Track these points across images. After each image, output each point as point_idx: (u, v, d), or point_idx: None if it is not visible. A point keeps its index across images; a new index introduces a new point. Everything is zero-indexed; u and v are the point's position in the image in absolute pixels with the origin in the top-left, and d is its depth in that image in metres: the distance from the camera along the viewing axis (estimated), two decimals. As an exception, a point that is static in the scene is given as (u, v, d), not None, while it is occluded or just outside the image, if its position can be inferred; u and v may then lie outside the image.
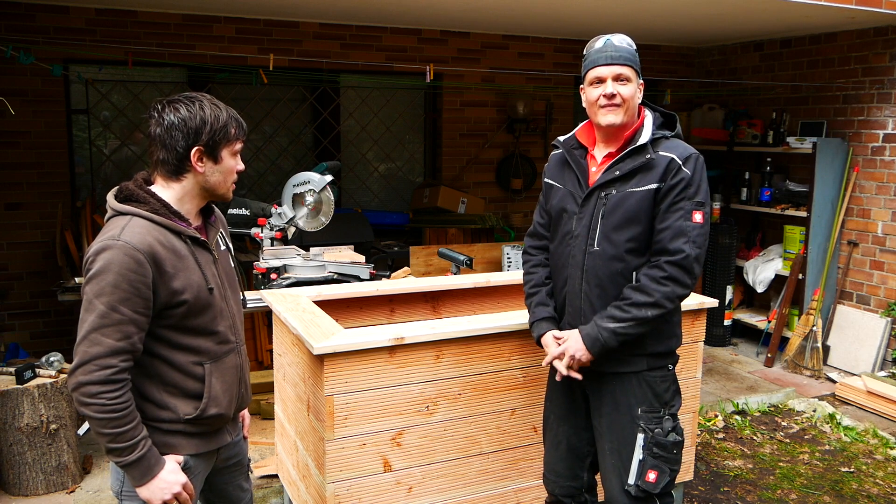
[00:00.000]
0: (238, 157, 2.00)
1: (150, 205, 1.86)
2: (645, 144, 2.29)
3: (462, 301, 3.54)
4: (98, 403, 1.75)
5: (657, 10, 4.78)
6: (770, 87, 6.07)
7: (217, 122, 1.90)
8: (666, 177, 2.25)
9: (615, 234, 2.30)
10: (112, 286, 1.75)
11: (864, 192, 5.40)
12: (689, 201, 2.25)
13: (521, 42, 6.21)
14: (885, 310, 5.23)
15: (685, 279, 2.25)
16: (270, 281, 3.75)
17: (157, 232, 1.83)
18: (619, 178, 2.31)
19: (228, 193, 2.01)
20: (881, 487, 3.74)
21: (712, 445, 4.18)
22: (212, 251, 1.99)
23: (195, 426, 1.94)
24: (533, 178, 6.55)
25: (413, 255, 5.47)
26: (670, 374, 2.39)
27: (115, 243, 1.77)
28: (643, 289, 2.25)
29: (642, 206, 2.27)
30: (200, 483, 2.05)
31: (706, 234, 2.28)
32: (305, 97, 5.96)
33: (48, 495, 3.47)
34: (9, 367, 3.51)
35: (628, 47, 2.32)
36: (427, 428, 2.67)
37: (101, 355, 1.74)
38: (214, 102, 1.93)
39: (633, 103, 2.32)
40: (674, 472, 2.34)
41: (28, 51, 4.33)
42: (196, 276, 1.89)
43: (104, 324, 1.75)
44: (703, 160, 2.32)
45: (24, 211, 4.95)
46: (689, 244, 2.23)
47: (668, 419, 2.34)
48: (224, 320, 1.99)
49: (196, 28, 5.16)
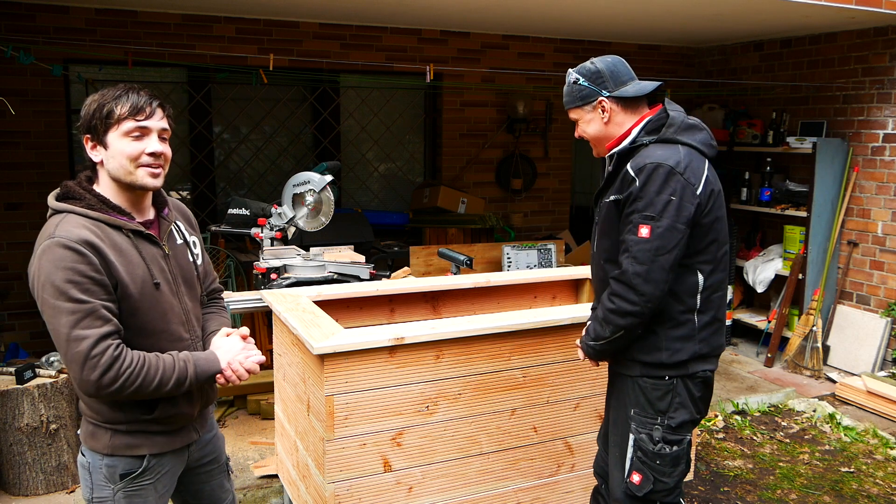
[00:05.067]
0: (138, 138, 1.81)
1: (85, 201, 1.80)
2: (612, 155, 2.33)
3: (462, 301, 3.54)
4: (128, 381, 1.73)
5: (657, 10, 4.78)
6: (770, 87, 6.07)
7: (101, 107, 1.79)
8: (623, 188, 2.22)
9: (598, 243, 2.39)
10: (65, 282, 1.70)
11: (864, 192, 5.40)
12: (637, 214, 2.16)
13: (521, 42, 6.21)
14: (885, 310, 5.23)
15: (629, 295, 2.17)
16: (270, 281, 3.75)
17: (93, 226, 1.77)
18: (605, 187, 2.37)
19: (136, 180, 1.83)
20: (881, 487, 3.74)
21: (712, 445, 4.18)
22: (161, 245, 1.92)
23: (156, 425, 1.90)
24: (533, 178, 6.55)
25: (413, 255, 5.47)
26: (667, 384, 2.28)
27: (52, 241, 1.72)
28: (601, 303, 2.30)
29: (609, 217, 2.29)
30: (171, 482, 2.01)
31: (655, 250, 2.13)
32: (305, 97, 5.96)
33: (48, 495, 3.47)
34: (9, 367, 3.51)
35: (567, 87, 2.38)
36: (427, 428, 2.67)
37: (92, 346, 1.70)
38: (121, 87, 1.83)
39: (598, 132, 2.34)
40: (660, 483, 2.28)
41: (28, 51, 4.33)
42: (140, 271, 1.82)
43: (77, 319, 1.70)
44: (665, 170, 2.14)
45: (24, 211, 4.95)
46: (628, 259, 2.16)
47: (659, 428, 2.28)
48: (175, 316, 1.92)
49: (196, 28, 5.16)
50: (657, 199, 2.13)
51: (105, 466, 1.88)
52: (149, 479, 1.92)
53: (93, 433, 1.89)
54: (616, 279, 2.22)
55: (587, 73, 2.32)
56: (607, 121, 2.31)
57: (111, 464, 1.88)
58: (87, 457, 1.92)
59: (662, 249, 2.13)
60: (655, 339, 2.27)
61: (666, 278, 2.16)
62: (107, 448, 1.87)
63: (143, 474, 1.91)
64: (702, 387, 2.34)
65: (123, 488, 1.90)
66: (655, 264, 2.14)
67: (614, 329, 2.23)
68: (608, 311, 2.24)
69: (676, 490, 2.34)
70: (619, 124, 2.31)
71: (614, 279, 2.22)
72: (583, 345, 2.41)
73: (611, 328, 2.24)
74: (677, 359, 2.27)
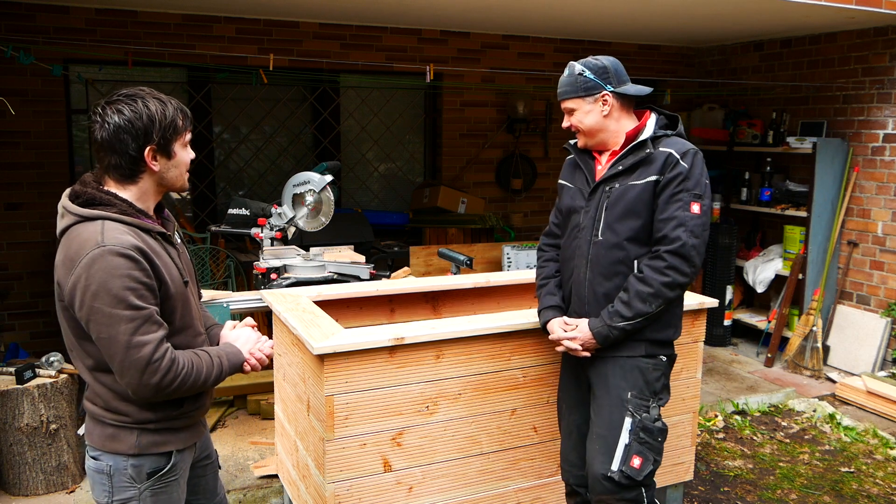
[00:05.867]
0: (188, 147, 1.93)
1: (117, 206, 1.80)
2: (645, 140, 2.42)
3: (462, 301, 3.54)
4: (185, 380, 1.80)
5: (657, 10, 4.78)
6: (770, 87, 6.07)
7: (165, 117, 1.83)
8: (664, 170, 2.36)
9: (617, 224, 2.42)
10: (123, 289, 1.71)
11: (864, 192, 5.40)
12: (686, 193, 2.34)
13: (521, 42, 6.21)
14: (885, 310, 5.24)
15: (684, 267, 2.32)
16: (270, 281, 3.75)
17: (131, 232, 1.79)
18: (622, 172, 2.44)
19: (185, 185, 1.97)
20: (881, 487, 3.74)
21: (712, 445, 4.18)
22: (175, 245, 1.98)
23: (181, 420, 1.94)
24: (533, 178, 6.55)
25: (413, 255, 5.47)
26: (662, 364, 2.46)
27: (103, 250, 1.71)
28: (645, 279, 2.35)
29: (642, 198, 2.38)
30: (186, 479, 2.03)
31: (705, 226, 2.35)
32: (305, 97, 5.96)
33: (48, 495, 3.47)
34: (9, 367, 3.51)
35: (567, 77, 2.49)
36: (427, 428, 2.67)
37: (153, 351, 1.74)
38: (156, 96, 1.86)
39: (595, 124, 2.47)
40: (657, 462, 2.41)
41: (28, 51, 4.33)
42: (174, 271, 1.88)
43: (137, 325, 1.73)
44: (701, 156, 2.41)
45: (24, 211, 4.95)
46: (686, 233, 2.31)
47: (655, 408, 2.43)
48: (195, 312, 1.99)
49: (196, 28, 5.16)
50: (702, 180, 2.37)
51: (131, 467, 1.88)
52: (175, 475, 1.94)
53: (114, 435, 1.88)
54: (672, 252, 2.32)
55: (593, 67, 2.46)
56: (607, 114, 2.46)
57: (137, 463, 1.88)
58: (105, 460, 1.89)
59: (707, 225, 2.38)
60: (668, 315, 2.44)
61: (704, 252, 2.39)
62: (133, 448, 1.87)
63: (170, 471, 1.93)
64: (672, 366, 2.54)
65: (151, 486, 1.90)
66: (703, 238, 2.36)
67: (661, 302, 2.35)
68: (662, 285, 2.33)
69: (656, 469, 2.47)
70: (616, 119, 2.47)
71: (669, 252, 2.32)
72: (601, 329, 2.40)
73: (658, 302, 2.34)
74: (676, 336, 2.49)
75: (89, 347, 1.81)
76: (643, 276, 2.36)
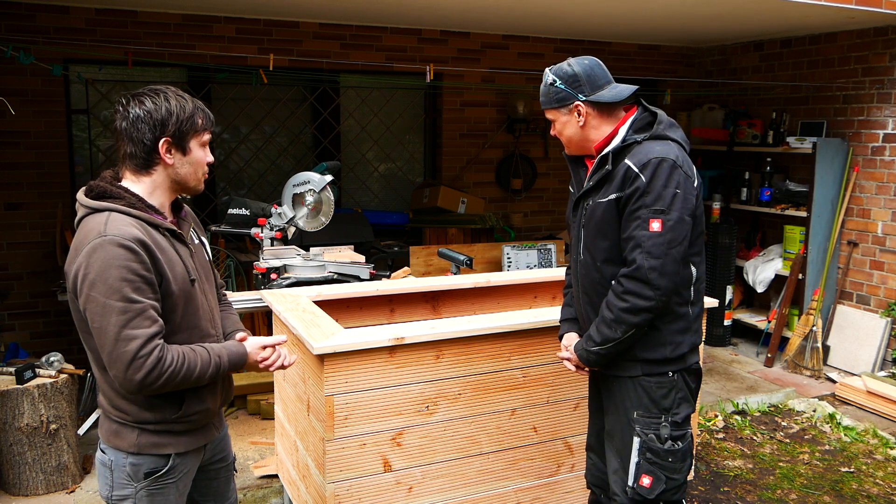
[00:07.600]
0: (207, 148, 1.96)
1: (125, 199, 1.83)
2: (606, 155, 2.28)
3: (462, 301, 3.54)
4: (171, 378, 1.78)
5: (657, 10, 4.78)
6: (770, 87, 6.07)
7: (183, 112, 1.87)
8: (624, 185, 2.20)
9: (592, 245, 2.32)
10: (119, 280, 1.72)
11: (864, 192, 5.40)
12: (645, 209, 2.16)
13: (521, 42, 6.21)
14: (885, 310, 5.24)
15: (644, 291, 2.15)
16: (270, 281, 3.75)
17: (138, 225, 1.80)
18: (593, 188, 2.33)
19: (199, 185, 1.98)
20: (881, 487, 3.74)
21: (712, 445, 4.18)
22: (188, 244, 1.98)
23: (182, 424, 1.93)
24: (533, 179, 6.55)
25: (413, 255, 5.47)
26: (670, 380, 2.30)
27: (104, 239, 1.74)
28: (608, 305, 2.25)
29: (606, 218, 2.25)
30: (189, 482, 2.03)
31: (670, 243, 2.15)
32: (305, 97, 5.96)
33: (48, 495, 3.47)
34: (9, 367, 3.51)
35: (543, 87, 2.39)
36: (427, 428, 2.67)
37: (140, 347, 1.73)
38: (180, 94, 1.91)
39: (573, 135, 2.35)
40: (672, 481, 2.29)
41: (28, 51, 4.33)
42: (179, 268, 1.88)
43: (128, 318, 1.73)
44: (668, 164, 2.17)
45: (24, 211, 4.95)
46: (642, 255, 2.15)
47: (666, 426, 2.28)
48: (204, 313, 1.98)
49: (196, 28, 5.16)
50: (665, 193, 2.15)
51: (129, 465, 1.89)
52: (172, 478, 1.94)
53: (117, 431, 1.90)
54: (628, 276, 2.17)
55: (564, 75, 2.32)
56: (583, 124, 2.33)
57: (136, 462, 1.90)
58: (108, 455, 1.92)
59: (674, 242, 2.16)
60: (658, 335, 2.28)
61: (678, 270, 2.18)
62: (132, 447, 1.89)
63: (167, 473, 1.93)
64: (696, 378, 2.40)
65: (147, 486, 1.91)
66: (669, 257, 2.15)
67: (626, 328, 2.20)
68: (621, 311, 2.19)
69: (684, 486, 2.34)
70: (594, 128, 2.33)
71: (626, 276, 2.18)
72: (581, 353, 2.36)
73: (623, 328, 2.20)
74: (679, 352, 2.29)
75: (92, 342, 1.83)
76: (607, 300, 2.25)
